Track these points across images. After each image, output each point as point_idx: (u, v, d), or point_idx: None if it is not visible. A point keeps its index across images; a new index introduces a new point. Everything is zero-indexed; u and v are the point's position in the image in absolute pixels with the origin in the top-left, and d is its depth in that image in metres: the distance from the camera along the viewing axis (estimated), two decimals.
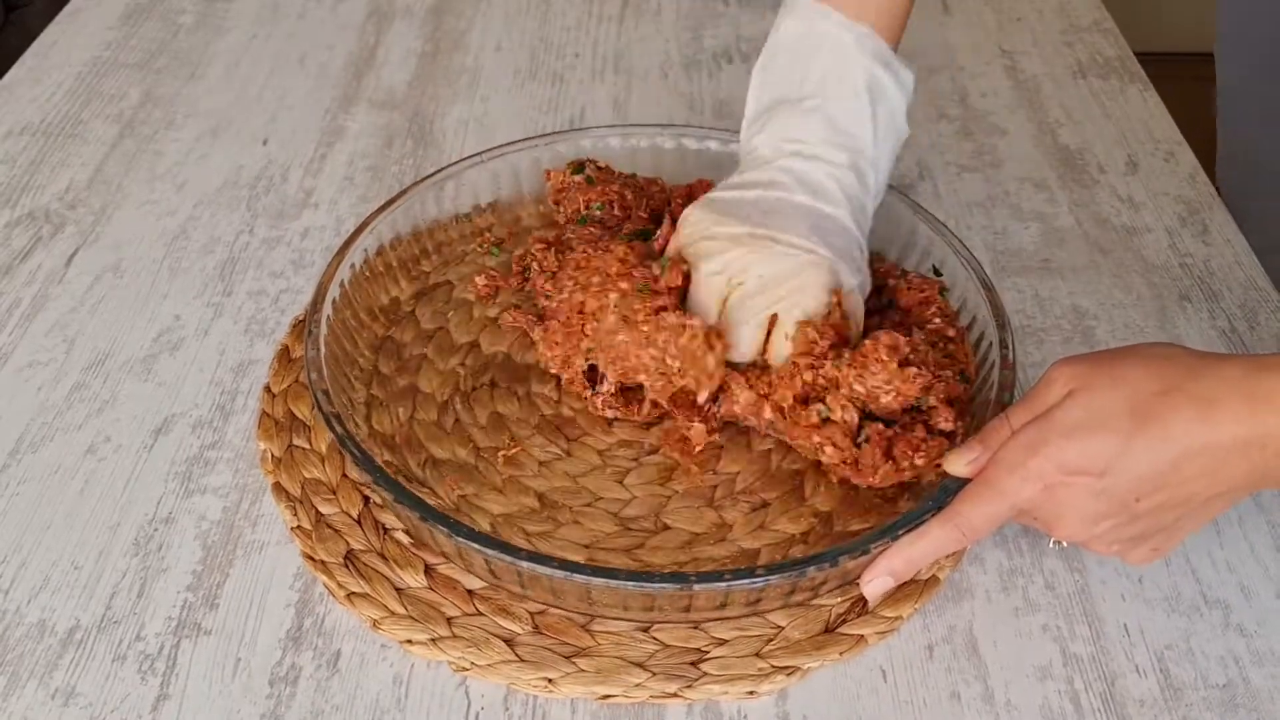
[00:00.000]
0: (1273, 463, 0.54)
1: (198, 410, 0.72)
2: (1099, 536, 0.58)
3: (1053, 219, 0.87)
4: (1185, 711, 0.58)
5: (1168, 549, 0.59)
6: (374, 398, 0.71)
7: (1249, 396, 0.53)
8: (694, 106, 0.99)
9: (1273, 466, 0.54)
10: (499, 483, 0.67)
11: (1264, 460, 0.54)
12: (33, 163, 0.92)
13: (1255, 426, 0.53)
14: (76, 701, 0.58)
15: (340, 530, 0.65)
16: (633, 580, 0.56)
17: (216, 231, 0.86)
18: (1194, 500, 0.56)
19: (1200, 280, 0.82)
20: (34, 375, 0.74)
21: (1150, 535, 0.58)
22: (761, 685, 0.58)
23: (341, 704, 0.58)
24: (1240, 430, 0.53)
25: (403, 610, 0.61)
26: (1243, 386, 0.54)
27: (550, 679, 0.58)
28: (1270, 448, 0.53)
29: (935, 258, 0.75)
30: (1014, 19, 1.11)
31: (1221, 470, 0.54)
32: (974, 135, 0.96)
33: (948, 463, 0.60)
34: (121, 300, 0.80)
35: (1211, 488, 0.55)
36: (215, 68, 1.03)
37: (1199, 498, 0.56)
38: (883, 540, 0.58)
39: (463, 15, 1.11)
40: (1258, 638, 0.61)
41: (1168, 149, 0.94)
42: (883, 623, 0.61)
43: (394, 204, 0.76)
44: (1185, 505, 0.56)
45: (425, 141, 0.95)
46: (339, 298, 0.71)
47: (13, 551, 0.65)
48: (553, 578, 0.56)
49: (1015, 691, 0.59)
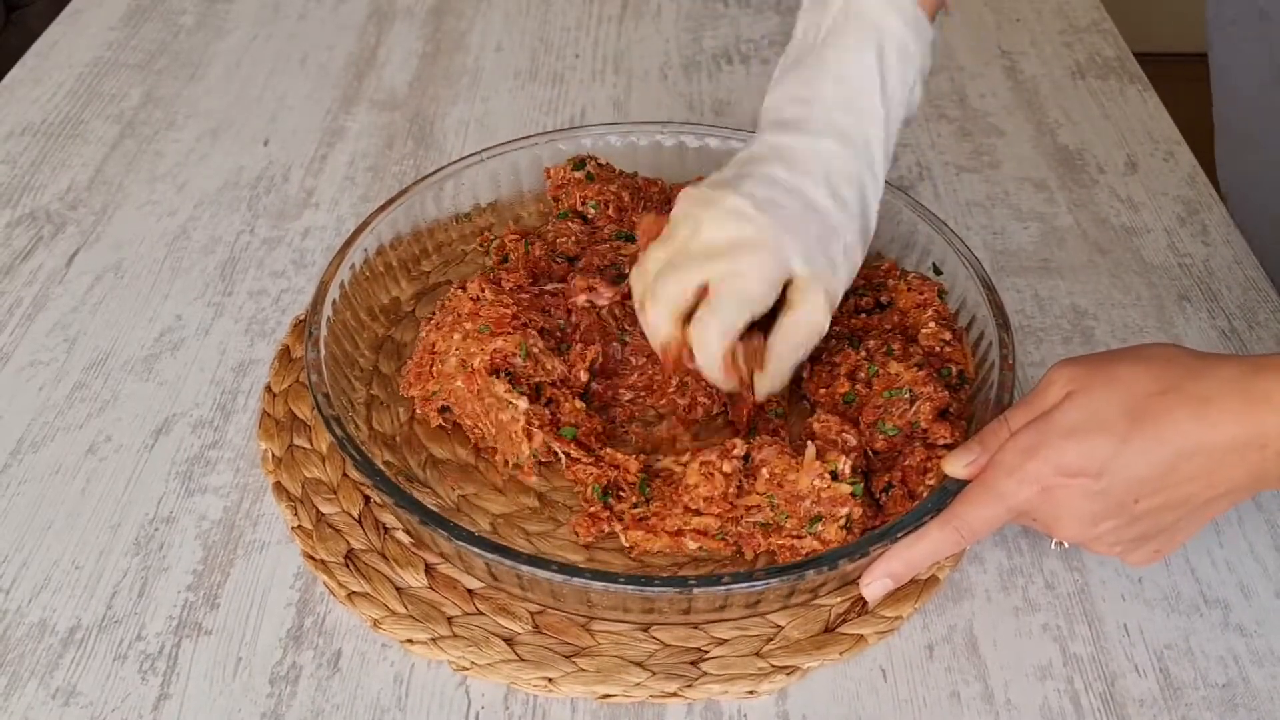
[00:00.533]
0: (1272, 463, 0.54)
1: (198, 410, 0.72)
2: (1099, 538, 0.58)
3: (1052, 219, 0.87)
4: (1185, 711, 0.58)
5: (1169, 550, 0.59)
6: (374, 398, 0.71)
7: (1246, 397, 0.53)
8: (693, 107, 0.99)
9: (1272, 467, 0.54)
10: (499, 482, 0.67)
11: (1263, 460, 0.54)
12: (34, 163, 0.92)
13: (1252, 426, 0.53)
14: (77, 701, 0.58)
15: (341, 530, 0.65)
16: (631, 584, 0.56)
17: (217, 231, 0.86)
18: (1193, 501, 0.56)
19: (1200, 280, 0.82)
20: (35, 375, 0.75)
21: (1151, 536, 0.57)
22: (761, 685, 0.59)
23: (342, 703, 0.58)
24: (1237, 430, 0.53)
25: (403, 610, 0.61)
26: (1240, 386, 0.53)
27: (550, 678, 0.58)
28: (1270, 448, 0.53)
29: (935, 257, 0.75)
30: (1013, 19, 1.11)
31: (1219, 471, 0.54)
32: (973, 135, 0.96)
33: (946, 464, 0.59)
34: (122, 300, 0.80)
35: (1210, 488, 0.55)
36: (216, 68, 1.03)
37: (1198, 499, 0.55)
38: (881, 543, 0.58)
39: (463, 16, 1.11)
40: (1257, 637, 0.61)
41: (1167, 149, 0.94)
42: (883, 622, 0.61)
43: (394, 203, 0.76)
44: (1184, 506, 0.56)
45: (426, 142, 0.95)
46: (339, 298, 0.71)
47: (14, 551, 0.65)
48: (551, 581, 0.56)
49: (1015, 691, 0.59)
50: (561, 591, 0.58)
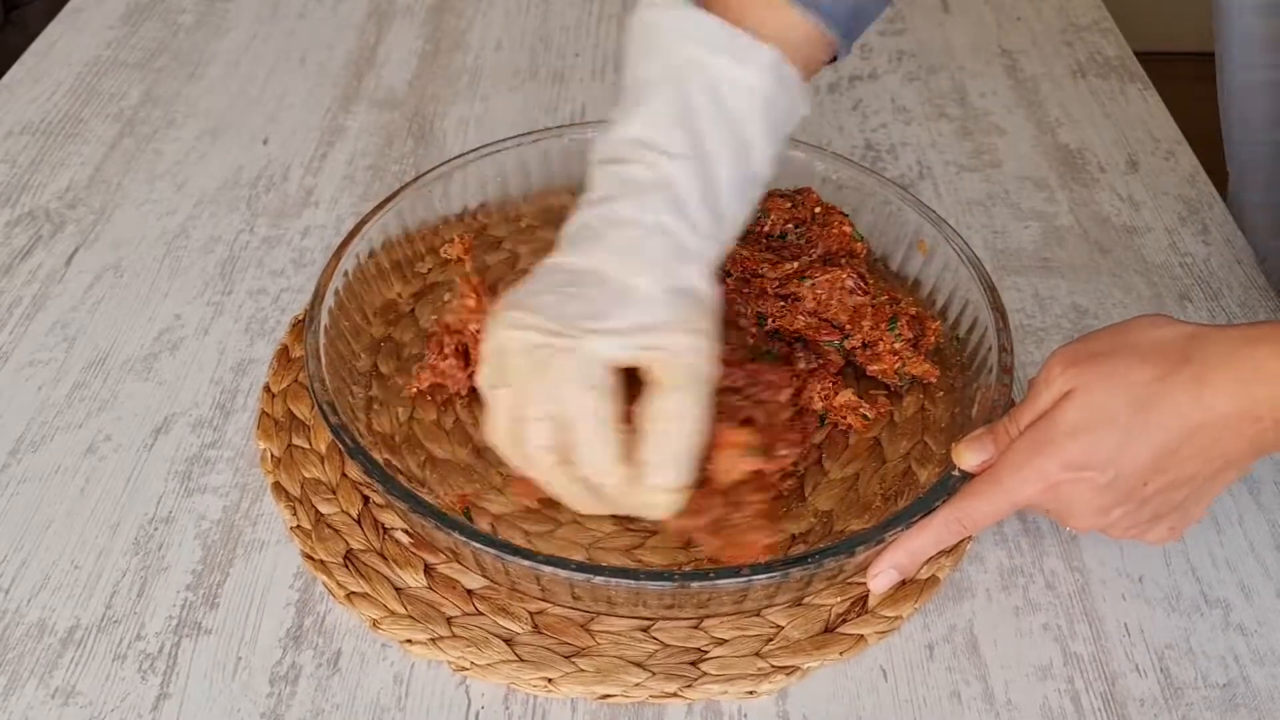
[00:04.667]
0: (1270, 433, 0.55)
1: (198, 409, 0.72)
2: (1113, 524, 0.58)
3: (1052, 218, 0.87)
4: (1185, 711, 0.58)
5: (1185, 525, 0.60)
6: (373, 398, 0.71)
7: (1237, 373, 0.54)
8: None
9: (1270, 436, 0.55)
10: (499, 482, 0.67)
11: (1261, 431, 0.55)
12: (33, 162, 0.92)
13: (1245, 399, 0.54)
14: (76, 700, 0.58)
15: (340, 530, 0.65)
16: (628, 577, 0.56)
17: (217, 230, 0.86)
18: (1199, 477, 0.57)
19: (1200, 280, 0.82)
20: (34, 374, 0.74)
21: (1164, 515, 0.58)
22: (761, 685, 0.58)
23: (342, 703, 0.58)
24: (1232, 406, 0.54)
25: (402, 610, 0.61)
26: (1231, 362, 0.54)
27: (550, 678, 0.58)
28: (1265, 419, 0.54)
29: (936, 256, 0.75)
30: (1014, 18, 1.11)
31: (1217, 446, 0.55)
32: (974, 135, 0.96)
33: (957, 455, 0.60)
34: (122, 299, 0.80)
35: (1213, 463, 0.56)
36: (215, 67, 1.03)
37: (1203, 474, 0.56)
38: (875, 540, 0.58)
39: (463, 15, 1.11)
40: (1258, 637, 0.61)
41: (1167, 148, 0.94)
42: (883, 622, 0.61)
43: (391, 203, 0.76)
44: (1192, 482, 0.57)
45: (425, 141, 0.95)
46: (337, 300, 0.71)
47: (13, 551, 0.65)
48: (572, 580, 0.56)
49: (1015, 691, 0.59)
50: (579, 590, 0.58)
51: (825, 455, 0.68)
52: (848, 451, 0.69)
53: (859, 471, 0.67)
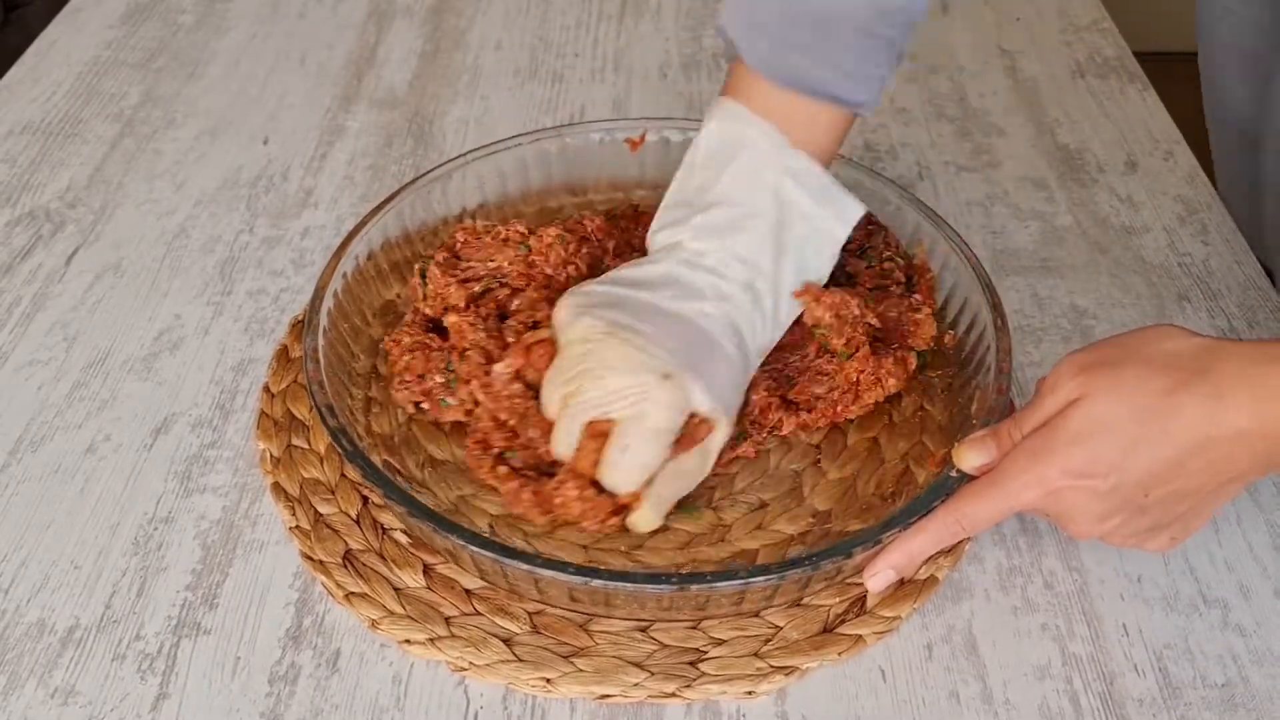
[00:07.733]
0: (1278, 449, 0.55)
1: (197, 409, 0.72)
2: (1112, 532, 0.58)
3: (1052, 218, 0.87)
4: (1184, 711, 0.58)
5: (1185, 536, 0.60)
6: (372, 399, 0.71)
7: (1255, 391, 0.54)
8: (693, 106, 0.99)
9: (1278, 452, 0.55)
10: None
11: (1269, 448, 0.55)
12: (33, 162, 0.92)
13: (1257, 417, 0.54)
14: (76, 700, 0.58)
15: (339, 530, 0.65)
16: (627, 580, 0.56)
17: (216, 230, 0.86)
18: (1204, 490, 0.56)
19: (1199, 280, 0.82)
20: (34, 374, 0.75)
21: (1165, 525, 0.58)
22: (760, 685, 0.59)
23: (341, 703, 0.58)
24: (1247, 423, 0.54)
25: (401, 610, 0.61)
26: (1245, 380, 0.54)
27: (549, 679, 0.58)
28: (1273, 436, 0.54)
29: (936, 256, 0.75)
30: (1013, 19, 1.11)
31: (1226, 461, 0.55)
32: (973, 135, 0.96)
33: (958, 456, 0.60)
34: (121, 299, 0.80)
35: (1220, 477, 0.56)
36: (215, 67, 1.03)
37: (1208, 488, 0.56)
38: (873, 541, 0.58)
39: (463, 15, 1.11)
40: (1256, 637, 0.61)
41: (1166, 149, 0.94)
42: (881, 623, 0.61)
43: (391, 203, 0.76)
44: (1195, 495, 0.57)
45: (425, 141, 0.95)
46: (336, 301, 0.71)
47: (13, 550, 0.65)
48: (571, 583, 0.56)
49: (1014, 691, 0.59)
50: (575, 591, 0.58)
51: (824, 456, 0.68)
52: (846, 452, 0.69)
53: (857, 472, 0.68)
